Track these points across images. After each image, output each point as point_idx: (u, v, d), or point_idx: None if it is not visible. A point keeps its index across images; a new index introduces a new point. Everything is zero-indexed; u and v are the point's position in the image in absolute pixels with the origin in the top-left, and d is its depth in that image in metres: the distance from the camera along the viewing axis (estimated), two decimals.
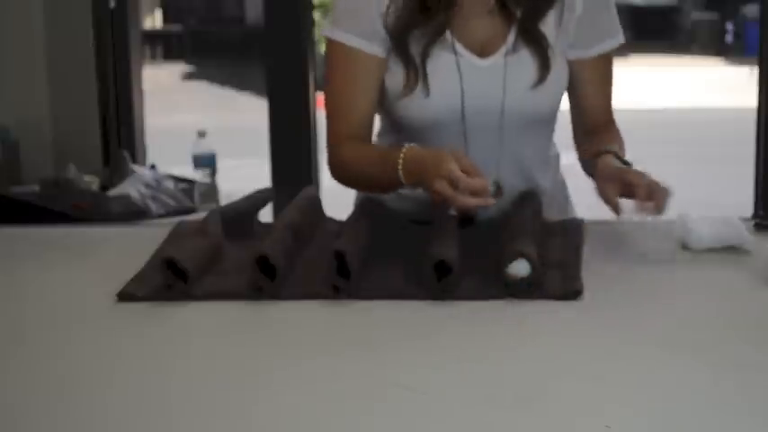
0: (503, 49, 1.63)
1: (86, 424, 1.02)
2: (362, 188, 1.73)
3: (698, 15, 15.70)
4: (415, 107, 1.63)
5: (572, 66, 1.69)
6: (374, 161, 1.61)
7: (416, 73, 1.61)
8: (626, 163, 1.59)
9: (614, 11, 1.70)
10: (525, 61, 1.63)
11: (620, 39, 1.71)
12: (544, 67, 1.63)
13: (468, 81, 1.62)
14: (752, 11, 13.35)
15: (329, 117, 1.68)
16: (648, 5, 15.77)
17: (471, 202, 1.41)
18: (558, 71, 1.65)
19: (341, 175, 1.68)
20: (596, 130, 1.73)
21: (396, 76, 1.63)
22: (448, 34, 1.62)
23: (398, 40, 1.61)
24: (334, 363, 1.15)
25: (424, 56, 1.61)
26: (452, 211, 1.51)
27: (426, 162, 1.47)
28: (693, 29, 15.56)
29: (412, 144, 1.53)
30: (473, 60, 1.63)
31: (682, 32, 15.67)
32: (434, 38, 1.61)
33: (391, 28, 1.61)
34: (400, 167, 1.51)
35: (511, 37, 1.63)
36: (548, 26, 1.64)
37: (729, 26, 14.75)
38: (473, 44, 1.64)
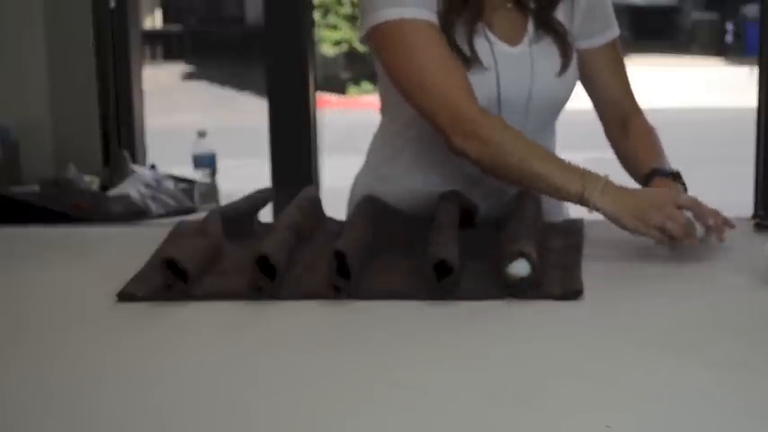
0: (526, 39, 1.69)
1: (86, 424, 1.01)
2: (508, 174, 1.59)
3: (698, 15, 15.71)
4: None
5: (584, 56, 1.76)
6: (550, 160, 1.56)
7: (464, 54, 1.64)
8: (675, 176, 1.67)
9: (610, 3, 1.80)
10: (548, 50, 1.70)
11: (617, 30, 1.80)
12: (565, 54, 1.71)
13: (502, 67, 1.67)
14: (752, 11, 13.35)
15: (437, 95, 1.59)
16: (648, 5, 15.78)
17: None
18: (573, 60, 1.73)
19: (485, 150, 1.57)
20: (628, 123, 1.80)
21: None
22: (481, 23, 1.67)
23: (445, 25, 1.63)
24: (334, 362, 1.15)
25: (470, 38, 1.64)
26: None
27: (643, 194, 1.53)
28: (693, 29, 15.56)
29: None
30: (505, 48, 1.68)
31: (682, 32, 15.67)
32: (474, 21, 1.65)
33: (439, 12, 1.64)
34: (593, 188, 1.50)
35: (530, 27, 1.70)
36: (559, 15, 1.72)
37: (729, 26, 14.75)
38: (501, 33, 1.69)
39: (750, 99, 3.61)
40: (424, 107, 1.61)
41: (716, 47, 14.64)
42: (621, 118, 1.80)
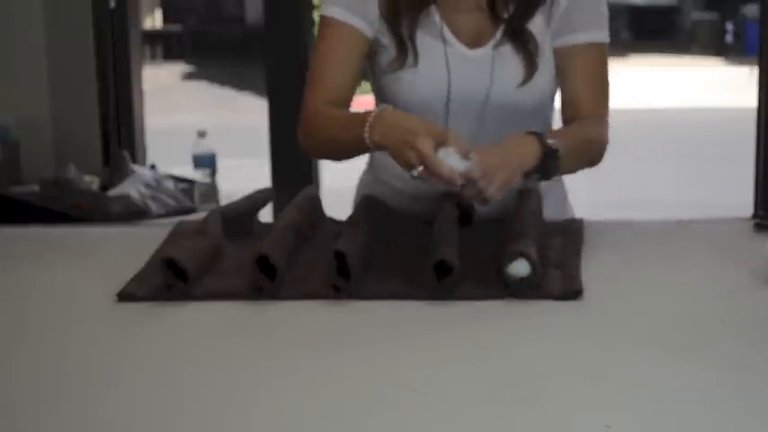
0: (491, 43, 1.66)
1: (87, 424, 1.02)
2: (329, 154, 1.72)
3: (698, 15, 15.72)
4: (405, 86, 1.66)
5: (561, 54, 1.67)
6: (343, 123, 1.61)
7: (405, 48, 1.65)
8: (550, 150, 1.52)
9: (603, 9, 1.68)
10: (512, 57, 1.66)
11: (605, 38, 1.68)
12: (530, 66, 1.65)
13: (455, 69, 1.65)
14: (752, 11, 13.35)
15: (308, 86, 1.68)
16: (648, 5, 15.79)
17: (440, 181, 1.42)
18: (545, 67, 1.66)
19: (310, 141, 1.68)
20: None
21: (389, 56, 1.67)
22: (438, 22, 1.66)
23: (390, 18, 1.65)
24: (334, 363, 1.15)
25: (412, 30, 1.65)
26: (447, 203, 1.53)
27: (401, 127, 1.48)
28: (693, 29, 15.57)
29: (386, 106, 1.55)
30: (461, 50, 1.66)
31: (682, 32, 15.68)
32: (419, 12, 1.65)
33: (383, 6, 1.66)
34: (367, 127, 1.51)
35: (499, 33, 1.66)
36: (536, 25, 1.66)
37: (729, 26, 14.76)
38: (463, 35, 1.67)
39: (750, 99, 3.61)
40: None
41: (716, 47, 14.65)
42: (575, 117, 1.66)
